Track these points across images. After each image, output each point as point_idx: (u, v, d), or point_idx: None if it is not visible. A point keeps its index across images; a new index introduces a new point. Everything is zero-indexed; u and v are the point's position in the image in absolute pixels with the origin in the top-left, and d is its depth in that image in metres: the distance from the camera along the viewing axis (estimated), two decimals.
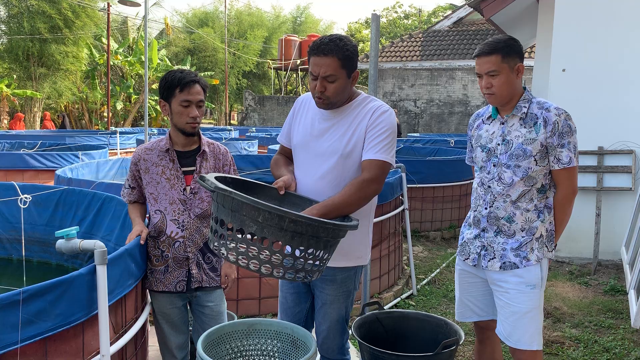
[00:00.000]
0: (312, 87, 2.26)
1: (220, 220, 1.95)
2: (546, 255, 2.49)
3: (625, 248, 5.13)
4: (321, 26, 40.32)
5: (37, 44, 21.36)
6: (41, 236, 3.99)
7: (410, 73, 19.06)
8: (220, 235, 1.97)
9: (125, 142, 11.90)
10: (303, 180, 2.38)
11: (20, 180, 6.72)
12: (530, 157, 2.41)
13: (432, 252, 6.59)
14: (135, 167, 2.62)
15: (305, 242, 1.89)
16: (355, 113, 2.32)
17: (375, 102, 2.37)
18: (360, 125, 2.29)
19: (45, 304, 1.81)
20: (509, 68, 2.40)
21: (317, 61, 2.19)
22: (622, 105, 5.73)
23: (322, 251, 1.96)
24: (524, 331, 2.44)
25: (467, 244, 2.64)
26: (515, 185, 2.45)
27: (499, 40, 2.42)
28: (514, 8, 7.64)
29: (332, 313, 2.43)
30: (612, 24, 5.84)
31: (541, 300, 2.49)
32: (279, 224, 1.84)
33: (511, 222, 2.48)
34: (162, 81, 2.53)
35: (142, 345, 2.64)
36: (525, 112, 2.45)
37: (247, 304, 4.11)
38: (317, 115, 2.39)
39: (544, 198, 2.48)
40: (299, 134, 2.43)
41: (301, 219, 1.85)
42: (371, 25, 3.62)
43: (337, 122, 2.32)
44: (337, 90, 2.23)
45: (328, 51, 2.17)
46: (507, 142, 2.48)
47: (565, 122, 2.38)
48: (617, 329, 4.16)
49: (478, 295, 2.67)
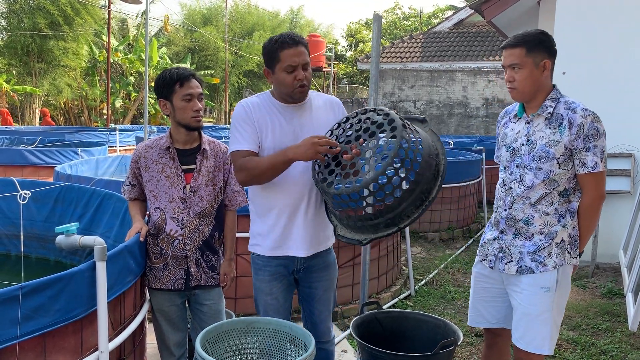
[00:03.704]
0: (290, 79, 2.32)
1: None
2: (569, 262, 2.38)
3: (623, 251, 5.14)
4: (322, 27, 40.36)
5: (37, 40, 21.32)
6: (40, 232, 3.99)
7: (411, 74, 19.05)
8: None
9: (124, 139, 11.90)
10: (291, 179, 2.37)
11: (19, 176, 6.71)
12: (553, 159, 2.31)
13: (430, 253, 6.60)
14: (135, 164, 2.62)
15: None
16: (318, 104, 2.50)
17: (325, 94, 2.62)
18: (330, 116, 2.49)
19: (44, 300, 1.82)
20: (533, 63, 2.31)
21: (296, 51, 2.31)
22: (621, 109, 5.74)
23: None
24: (536, 334, 2.37)
25: (486, 245, 2.60)
26: (535, 188, 2.36)
27: (527, 34, 2.33)
28: (515, 10, 7.65)
29: (331, 297, 2.62)
30: (613, 27, 5.85)
31: (556, 304, 2.39)
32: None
33: (529, 224, 2.40)
34: (159, 80, 2.53)
35: (140, 342, 2.64)
36: (551, 112, 2.34)
37: (245, 303, 4.11)
38: (282, 114, 2.42)
39: (566, 202, 2.38)
40: (276, 137, 2.38)
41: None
42: (373, 25, 3.62)
43: (312, 114, 2.46)
44: (310, 76, 2.39)
45: (299, 41, 2.33)
46: (531, 142, 2.38)
47: (591, 124, 2.26)
48: (615, 332, 4.17)
49: (491, 301, 2.61)
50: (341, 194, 2.07)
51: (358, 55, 35.98)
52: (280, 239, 2.43)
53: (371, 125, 2.18)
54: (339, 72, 36.74)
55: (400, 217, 2.16)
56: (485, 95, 18.17)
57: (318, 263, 2.52)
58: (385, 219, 2.15)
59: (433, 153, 2.21)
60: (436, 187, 2.18)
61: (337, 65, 35.85)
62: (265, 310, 2.52)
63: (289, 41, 2.31)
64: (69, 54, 22.41)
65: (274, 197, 2.41)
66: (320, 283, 2.55)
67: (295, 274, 2.52)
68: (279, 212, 2.41)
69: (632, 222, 5.19)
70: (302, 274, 2.52)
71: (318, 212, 2.46)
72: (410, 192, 2.12)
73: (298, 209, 2.41)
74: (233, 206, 2.71)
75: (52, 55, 21.98)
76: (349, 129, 2.27)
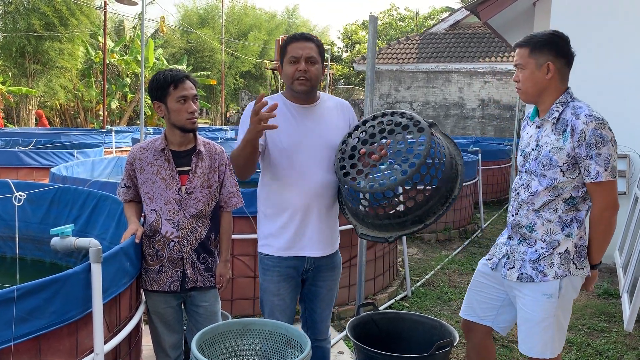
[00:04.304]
0: (292, 70, 2.39)
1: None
2: (573, 273, 2.30)
3: (618, 252, 5.16)
4: (318, 28, 40.38)
5: (32, 41, 21.25)
6: (35, 234, 3.97)
7: (407, 75, 19.08)
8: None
9: (120, 140, 11.88)
10: (305, 179, 2.41)
11: (14, 178, 6.69)
12: (556, 167, 2.24)
13: (427, 254, 6.60)
14: (130, 166, 2.61)
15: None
16: (329, 107, 2.55)
17: (336, 97, 2.65)
18: (343, 118, 2.56)
19: (39, 302, 1.81)
20: (536, 64, 2.27)
21: (301, 45, 2.38)
22: (616, 110, 5.73)
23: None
24: (538, 340, 2.34)
25: (496, 246, 2.58)
26: (539, 194, 2.31)
27: (537, 34, 2.30)
28: (510, 12, 7.67)
29: (333, 296, 2.69)
30: (608, 28, 5.87)
31: (561, 309, 2.34)
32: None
33: (532, 231, 2.35)
34: (153, 83, 2.52)
35: (136, 344, 2.63)
36: (557, 117, 2.27)
37: (241, 304, 4.11)
38: (293, 114, 2.46)
39: (572, 210, 2.30)
40: (284, 136, 2.43)
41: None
42: (369, 26, 3.63)
43: (321, 116, 2.49)
44: (317, 72, 2.42)
45: (309, 37, 2.41)
46: (538, 147, 2.32)
47: (594, 131, 2.16)
48: (610, 332, 4.18)
49: (486, 298, 2.60)
50: (375, 192, 2.15)
51: (354, 56, 36.06)
52: (293, 239, 2.47)
53: (395, 127, 2.27)
54: (335, 74, 36.76)
55: (427, 214, 2.26)
56: (481, 97, 18.21)
57: (326, 263, 2.57)
58: (413, 215, 2.25)
59: (452, 154, 2.35)
60: (457, 186, 2.31)
61: (333, 67, 35.89)
62: (272, 311, 2.53)
63: (298, 36, 2.42)
64: (64, 55, 22.35)
65: (287, 197, 2.45)
66: (325, 282, 2.61)
67: (304, 274, 2.56)
68: (292, 212, 2.45)
69: (628, 223, 5.21)
70: (310, 273, 2.56)
71: (331, 213, 2.52)
72: (437, 189, 2.23)
73: (312, 209, 2.45)
74: (228, 207, 2.71)
75: (48, 57, 21.91)
76: (371, 130, 2.34)
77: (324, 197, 2.47)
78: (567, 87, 2.35)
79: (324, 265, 2.56)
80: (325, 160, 2.45)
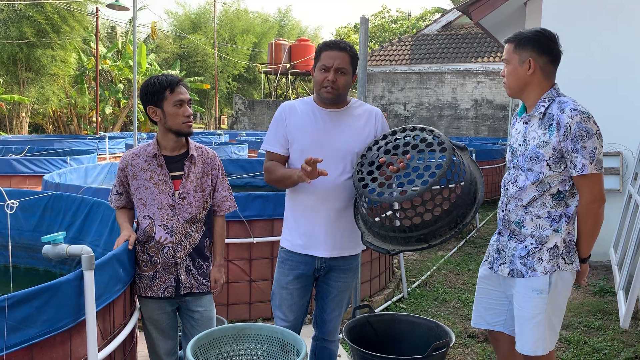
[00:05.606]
0: (321, 78, 2.44)
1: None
2: (562, 268, 2.32)
3: (613, 249, 5.17)
4: (309, 30, 40.42)
5: (24, 48, 21.16)
6: (28, 242, 3.95)
7: (400, 77, 19.13)
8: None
9: (114, 147, 11.83)
10: (317, 180, 2.41)
11: (7, 186, 6.64)
12: (543, 161, 2.27)
13: (423, 255, 6.60)
14: (122, 172, 2.59)
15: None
16: (357, 113, 2.56)
17: (368, 104, 2.65)
18: (368, 126, 2.55)
19: (31, 310, 1.79)
20: (519, 60, 2.31)
21: (334, 54, 2.42)
22: (608, 109, 5.78)
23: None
24: (529, 336, 2.35)
25: (490, 247, 2.59)
26: (527, 189, 2.33)
27: (523, 31, 2.34)
28: (502, 12, 7.70)
29: (345, 299, 2.69)
30: (598, 27, 5.90)
31: (552, 304, 2.34)
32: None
33: (521, 227, 2.37)
34: (147, 87, 2.51)
35: (130, 351, 2.61)
36: (543, 112, 2.30)
37: (237, 309, 4.09)
38: (320, 118, 2.52)
39: (560, 205, 2.32)
40: (306, 137, 2.51)
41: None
42: (360, 27, 3.63)
43: (344, 121, 2.52)
44: (346, 83, 2.46)
45: (343, 47, 2.44)
46: (526, 143, 2.36)
47: (579, 125, 2.18)
48: (607, 330, 4.18)
49: (491, 303, 2.59)
50: (385, 201, 2.16)
51: None
52: (303, 237, 2.54)
53: (420, 143, 2.28)
54: None
55: (433, 235, 2.25)
56: (474, 97, 18.26)
57: (340, 265, 2.60)
58: (418, 233, 2.24)
59: (473, 181, 2.32)
60: (471, 213, 2.28)
61: None
62: (280, 303, 2.62)
63: (332, 45, 2.46)
64: (57, 62, 22.27)
65: (300, 196, 2.55)
66: (337, 283, 2.63)
67: (317, 273, 2.61)
68: (303, 211, 2.54)
69: (622, 220, 5.23)
70: (322, 272, 2.61)
71: (342, 216, 2.54)
72: (447, 212, 2.22)
73: (321, 210, 2.50)
74: (222, 211, 2.70)
75: (40, 64, 21.83)
76: (395, 141, 2.36)
77: (334, 199, 2.50)
78: (554, 83, 2.37)
79: (337, 266, 2.60)
80: (340, 163, 2.49)
